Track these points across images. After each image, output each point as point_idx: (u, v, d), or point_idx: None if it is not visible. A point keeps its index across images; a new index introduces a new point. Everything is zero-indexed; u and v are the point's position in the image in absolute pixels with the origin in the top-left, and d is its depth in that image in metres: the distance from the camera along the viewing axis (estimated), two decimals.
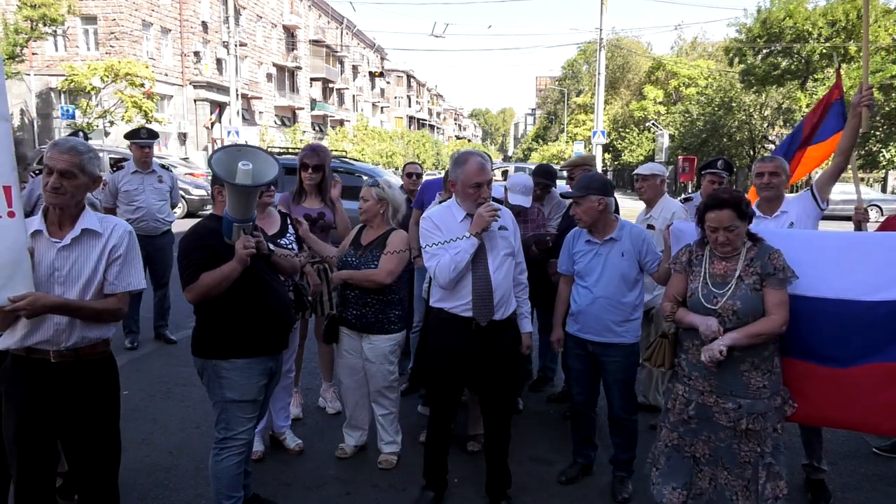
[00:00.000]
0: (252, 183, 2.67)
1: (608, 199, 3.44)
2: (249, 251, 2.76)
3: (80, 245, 2.44)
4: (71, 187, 2.40)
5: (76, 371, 2.47)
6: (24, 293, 2.28)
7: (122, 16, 29.24)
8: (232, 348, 2.88)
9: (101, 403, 2.55)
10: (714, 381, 2.78)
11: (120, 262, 2.50)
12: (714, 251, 2.84)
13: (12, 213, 2.32)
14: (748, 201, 2.83)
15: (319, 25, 52.14)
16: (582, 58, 55.48)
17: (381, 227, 3.73)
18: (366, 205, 3.71)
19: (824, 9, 27.51)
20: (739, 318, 2.70)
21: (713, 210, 2.75)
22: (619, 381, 3.48)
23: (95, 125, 25.58)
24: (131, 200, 5.73)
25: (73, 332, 2.43)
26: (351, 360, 3.78)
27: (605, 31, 27.19)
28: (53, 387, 2.44)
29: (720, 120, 33.06)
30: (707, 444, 2.81)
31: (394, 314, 3.72)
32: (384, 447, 3.85)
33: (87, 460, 2.55)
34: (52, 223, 2.45)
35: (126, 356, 5.68)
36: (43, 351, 2.42)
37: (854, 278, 2.76)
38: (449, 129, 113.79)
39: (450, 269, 3.07)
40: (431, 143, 60.47)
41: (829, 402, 2.82)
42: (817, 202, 3.60)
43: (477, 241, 3.07)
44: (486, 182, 3.13)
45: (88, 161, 2.43)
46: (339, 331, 3.78)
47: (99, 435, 2.55)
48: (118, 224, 2.55)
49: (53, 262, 2.40)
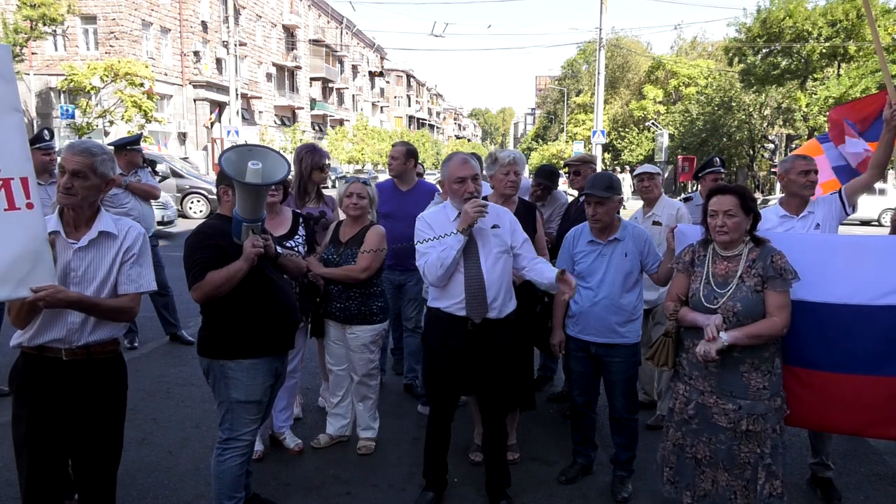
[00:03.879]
0: (262, 182, 2.68)
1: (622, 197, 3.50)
2: (258, 250, 2.76)
3: (97, 246, 2.49)
4: (82, 188, 2.42)
5: (87, 369, 2.50)
6: (46, 285, 2.29)
7: (121, 15, 29.23)
8: (239, 348, 2.88)
9: (110, 402, 2.60)
10: (714, 381, 2.78)
11: (132, 262, 2.54)
12: (716, 247, 2.83)
13: (31, 204, 2.32)
14: (754, 198, 2.82)
15: (319, 25, 52.13)
16: (582, 57, 55.43)
17: (360, 223, 3.89)
18: (362, 202, 3.83)
19: (824, 8, 27.50)
20: (739, 319, 2.70)
21: (716, 195, 2.77)
22: (622, 382, 3.47)
23: (95, 125, 25.59)
24: (121, 204, 5.69)
25: (86, 331, 2.46)
26: (337, 349, 3.98)
27: (605, 30, 27.18)
28: (65, 385, 2.47)
29: (720, 119, 33.08)
30: (707, 446, 2.81)
31: (375, 305, 3.89)
32: (361, 433, 4.04)
33: (91, 458, 2.56)
34: (67, 224, 2.49)
35: (126, 356, 5.57)
36: (55, 349, 2.45)
37: (861, 282, 2.75)
38: (449, 128, 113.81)
39: (437, 266, 3.09)
40: (431, 143, 60.49)
41: (832, 408, 2.81)
42: (844, 206, 3.59)
43: (463, 237, 3.06)
44: (470, 176, 3.14)
45: (101, 163, 2.46)
46: (325, 324, 3.94)
47: (105, 433, 2.58)
48: (132, 226, 2.60)
49: (70, 263, 2.44)
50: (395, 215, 4.55)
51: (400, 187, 4.81)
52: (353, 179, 3.96)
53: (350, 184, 3.89)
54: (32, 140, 5.52)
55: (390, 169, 4.86)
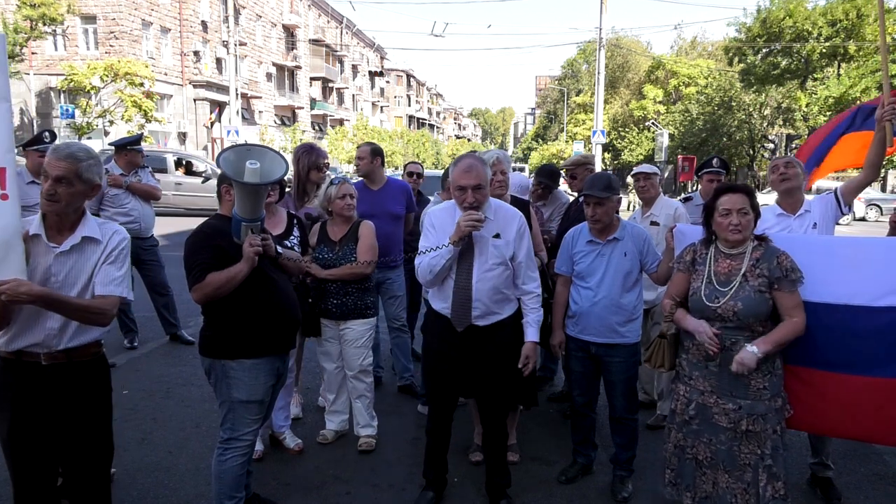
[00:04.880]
0: (260, 181, 2.67)
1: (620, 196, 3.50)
2: (256, 250, 2.76)
3: (80, 252, 2.41)
4: (66, 195, 2.33)
5: (68, 373, 2.43)
6: (11, 278, 2.21)
7: (121, 15, 29.23)
8: (240, 348, 2.87)
9: (93, 404, 2.52)
10: (714, 381, 2.77)
11: (111, 265, 2.44)
12: (719, 245, 2.82)
13: (6, 195, 2.26)
14: (755, 196, 2.83)
15: (319, 25, 52.12)
16: (582, 57, 55.42)
17: (349, 221, 3.99)
18: (353, 201, 3.97)
19: (824, 8, 27.53)
20: (740, 318, 2.69)
21: (726, 193, 2.77)
22: (622, 382, 3.47)
23: (95, 125, 25.59)
24: (122, 204, 5.68)
25: (65, 336, 2.40)
26: (330, 347, 4.04)
27: (605, 30, 27.18)
28: (45, 389, 2.41)
29: (720, 119, 33.08)
30: (708, 447, 2.80)
31: (370, 300, 4.03)
32: (361, 430, 4.08)
33: (79, 462, 2.52)
34: (50, 227, 2.40)
35: (126, 356, 5.68)
36: (33, 354, 2.39)
37: (861, 284, 2.74)
38: (449, 128, 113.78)
39: (426, 271, 3.14)
40: (431, 143, 60.48)
41: (832, 410, 2.80)
42: (840, 206, 3.61)
43: (454, 248, 3.05)
44: (472, 186, 3.00)
45: (87, 168, 2.36)
46: (321, 323, 3.99)
47: (91, 436, 2.52)
48: (117, 231, 2.52)
49: (50, 268, 2.36)
50: (368, 214, 4.53)
51: (370, 187, 4.83)
52: (340, 180, 4.01)
53: (342, 185, 3.96)
54: (32, 141, 5.51)
55: (357, 169, 4.93)
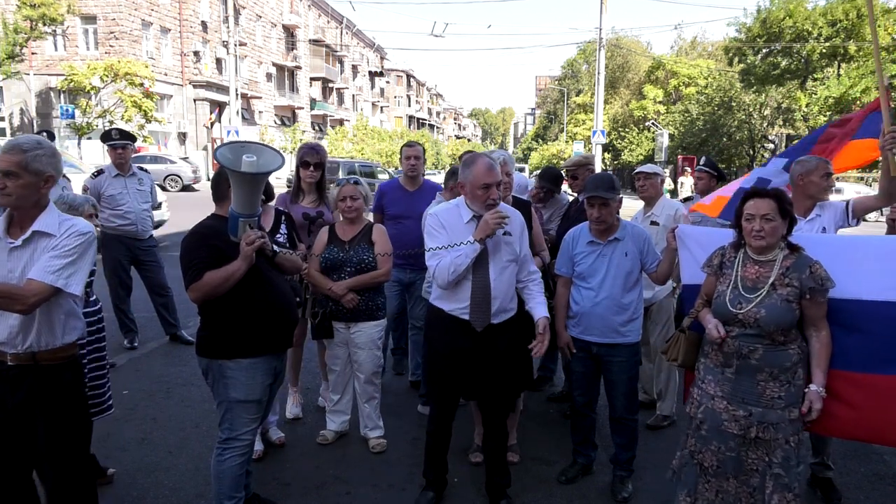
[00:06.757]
0: (257, 171, 2.65)
1: None
2: (254, 246, 2.74)
3: (33, 246, 2.37)
4: (16, 187, 2.31)
5: (34, 375, 2.41)
6: None
7: (121, 15, 29.25)
8: (237, 348, 2.87)
9: (63, 410, 2.47)
10: (727, 386, 2.72)
11: (54, 255, 2.34)
12: (748, 251, 2.74)
13: None
14: (791, 201, 2.73)
15: (319, 25, 52.14)
16: (582, 57, 55.44)
17: (359, 223, 3.95)
18: (356, 203, 3.88)
19: (824, 8, 27.54)
20: (761, 326, 2.62)
21: (752, 198, 2.68)
22: (623, 381, 3.47)
23: (95, 125, 25.60)
24: (117, 205, 5.64)
25: (28, 335, 2.38)
26: (339, 350, 4.02)
27: (605, 30, 27.20)
28: (9, 390, 2.39)
29: (720, 119, 33.09)
30: (715, 455, 2.74)
31: (380, 301, 4.01)
32: (371, 433, 4.06)
33: (52, 468, 2.47)
34: (14, 224, 2.40)
35: (126, 356, 5.67)
36: (1, 353, 2.38)
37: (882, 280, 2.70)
38: (449, 128, 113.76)
39: (449, 271, 3.06)
40: (431, 143, 60.42)
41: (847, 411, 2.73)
42: (848, 218, 3.57)
43: (480, 246, 3.04)
44: (496, 183, 3.07)
45: (33, 159, 2.32)
46: (332, 325, 3.97)
47: (61, 446, 2.47)
48: (76, 225, 2.43)
49: (6, 263, 2.35)
50: (406, 216, 4.54)
51: (408, 188, 4.77)
52: (344, 182, 3.95)
53: (341, 187, 3.91)
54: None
55: (412, 170, 4.78)
